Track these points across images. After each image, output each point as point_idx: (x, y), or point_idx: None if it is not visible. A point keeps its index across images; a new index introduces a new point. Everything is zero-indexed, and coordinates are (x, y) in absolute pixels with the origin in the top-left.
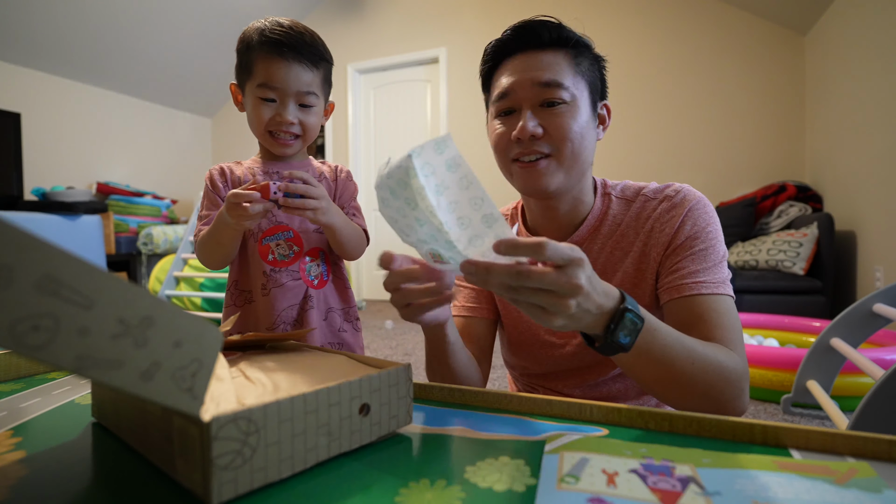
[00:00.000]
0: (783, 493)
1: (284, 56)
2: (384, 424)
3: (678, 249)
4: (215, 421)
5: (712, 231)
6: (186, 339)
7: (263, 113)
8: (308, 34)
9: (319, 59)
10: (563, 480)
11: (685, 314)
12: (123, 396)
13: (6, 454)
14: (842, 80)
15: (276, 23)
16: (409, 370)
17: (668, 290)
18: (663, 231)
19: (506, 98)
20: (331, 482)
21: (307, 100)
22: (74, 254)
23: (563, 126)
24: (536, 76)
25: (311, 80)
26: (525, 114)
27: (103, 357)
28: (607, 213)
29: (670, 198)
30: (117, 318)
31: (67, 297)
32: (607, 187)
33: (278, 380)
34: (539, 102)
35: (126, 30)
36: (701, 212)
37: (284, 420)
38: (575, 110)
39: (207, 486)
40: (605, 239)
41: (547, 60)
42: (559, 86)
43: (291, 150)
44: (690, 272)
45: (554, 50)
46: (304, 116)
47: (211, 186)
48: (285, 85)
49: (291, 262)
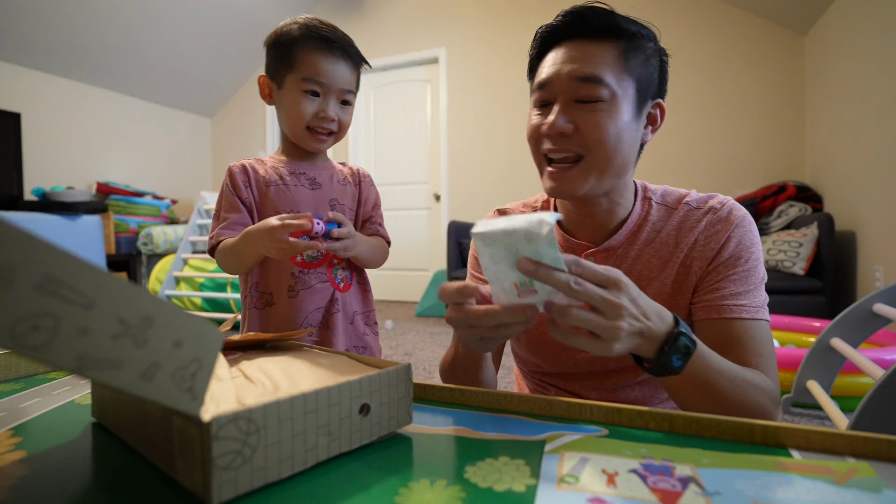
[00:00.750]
0: (783, 493)
1: (333, 52)
2: (384, 424)
3: (721, 267)
4: (215, 421)
5: (756, 252)
6: (186, 339)
7: (305, 107)
8: (347, 37)
9: (360, 59)
10: (563, 480)
11: (723, 336)
12: (123, 396)
13: (6, 454)
14: (842, 80)
15: (317, 20)
16: (409, 370)
17: (707, 308)
18: (708, 245)
19: (543, 89)
20: (331, 482)
21: (348, 97)
22: (74, 254)
23: (597, 125)
24: (576, 70)
25: (352, 79)
26: (557, 108)
27: (103, 357)
28: (647, 218)
29: (716, 210)
30: (117, 318)
31: (67, 297)
32: (648, 192)
33: (278, 380)
34: (575, 98)
35: (126, 30)
36: (747, 230)
37: (284, 420)
38: (614, 109)
39: (207, 486)
40: (644, 246)
41: (591, 53)
42: (599, 82)
43: (325, 146)
44: (732, 294)
45: (603, 41)
46: (343, 114)
47: (231, 186)
48: (332, 80)
49: (320, 265)
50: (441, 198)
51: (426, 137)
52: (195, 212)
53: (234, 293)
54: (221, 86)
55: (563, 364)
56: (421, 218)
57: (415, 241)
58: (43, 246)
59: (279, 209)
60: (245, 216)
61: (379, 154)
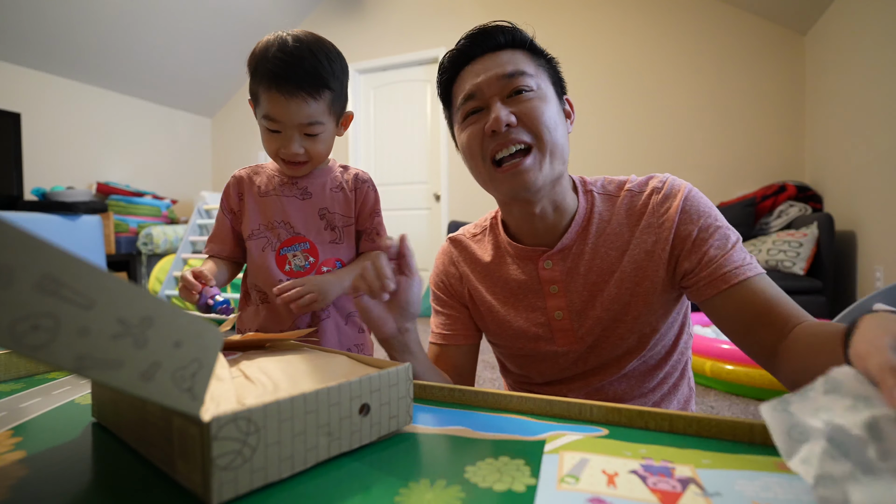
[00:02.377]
0: (783, 494)
1: (282, 91)
2: (384, 424)
3: (697, 243)
4: (215, 421)
5: (714, 213)
6: (186, 339)
7: (269, 142)
8: (310, 60)
9: (321, 86)
10: (563, 480)
11: (748, 300)
12: (123, 397)
13: (6, 454)
14: (842, 80)
15: (279, 47)
16: (409, 370)
17: (712, 282)
18: (663, 225)
19: (473, 99)
20: (331, 482)
21: (311, 129)
22: (74, 254)
23: (536, 110)
24: (500, 70)
25: (314, 111)
26: (495, 105)
27: (103, 357)
28: (593, 211)
29: (658, 189)
30: (117, 318)
31: (67, 297)
32: (587, 185)
33: (278, 379)
34: (507, 94)
35: (126, 30)
36: (698, 199)
37: (284, 420)
38: (543, 97)
39: (207, 486)
40: (596, 238)
41: (506, 57)
42: (523, 73)
43: (302, 172)
44: (726, 260)
45: (511, 49)
46: (310, 145)
47: (224, 198)
48: (287, 118)
49: (307, 273)
50: (441, 198)
51: (426, 137)
52: (195, 212)
53: (234, 293)
54: (221, 86)
55: (547, 372)
56: (421, 218)
57: (415, 241)
58: (43, 246)
59: (272, 219)
60: (225, 230)
61: (379, 154)
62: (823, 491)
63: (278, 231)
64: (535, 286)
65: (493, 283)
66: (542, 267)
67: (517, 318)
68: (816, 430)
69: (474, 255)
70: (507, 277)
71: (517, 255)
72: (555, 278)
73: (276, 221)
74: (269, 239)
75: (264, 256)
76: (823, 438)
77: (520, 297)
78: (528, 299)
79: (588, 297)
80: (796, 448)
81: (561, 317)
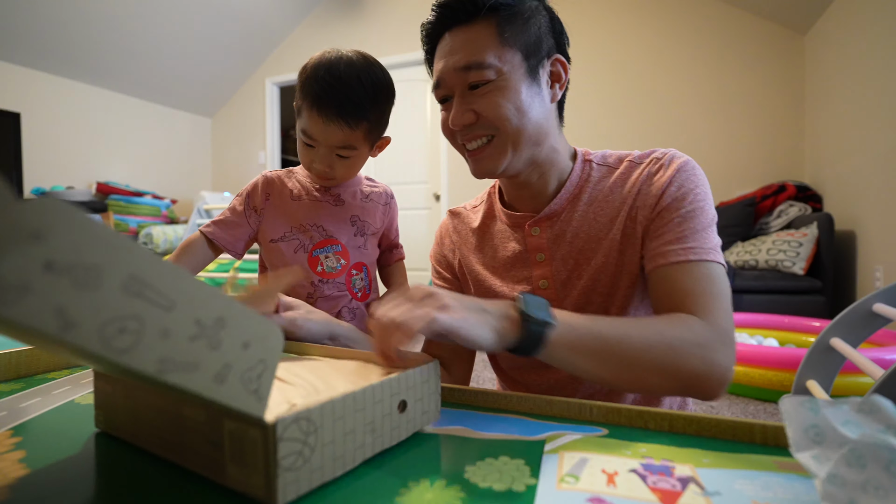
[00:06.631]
0: (783, 493)
1: (322, 114)
2: (417, 420)
3: (663, 212)
4: (280, 422)
5: (700, 193)
6: (254, 340)
7: (304, 154)
8: (356, 89)
9: (361, 118)
10: (562, 480)
11: (667, 283)
12: (144, 402)
13: (6, 454)
14: (842, 80)
15: (328, 69)
16: (437, 366)
17: (653, 256)
18: (650, 193)
19: (439, 88)
20: (330, 482)
21: (344, 152)
22: (153, 253)
23: (493, 105)
24: (458, 60)
25: (348, 137)
26: (455, 102)
27: (182, 360)
28: (588, 180)
29: (657, 160)
30: (194, 319)
31: (151, 299)
32: (588, 155)
33: (312, 381)
34: (467, 86)
35: (126, 30)
36: (690, 174)
37: (338, 419)
38: (505, 86)
39: (272, 489)
40: (587, 206)
41: (468, 38)
42: (480, 66)
43: (329, 184)
44: (677, 237)
45: (478, 22)
46: (340, 165)
47: (250, 195)
48: (322, 139)
49: (339, 275)
50: (441, 198)
51: (426, 137)
52: (195, 212)
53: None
54: (221, 86)
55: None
56: (421, 218)
57: (415, 241)
58: (127, 245)
59: (303, 222)
60: (240, 227)
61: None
62: (831, 488)
63: (311, 233)
64: (524, 256)
65: (484, 253)
66: (529, 233)
67: (503, 287)
68: (842, 436)
69: (470, 226)
70: (498, 246)
71: (510, 223)
72: (541, 246)
73: (309, 224)
74: (301, 241)
75: (297, 258)
76: (847, 446)
77: (509, 268)
78: (517, 270)
79: (574, 266)
80: (810, 446)
81: (546, 286)
